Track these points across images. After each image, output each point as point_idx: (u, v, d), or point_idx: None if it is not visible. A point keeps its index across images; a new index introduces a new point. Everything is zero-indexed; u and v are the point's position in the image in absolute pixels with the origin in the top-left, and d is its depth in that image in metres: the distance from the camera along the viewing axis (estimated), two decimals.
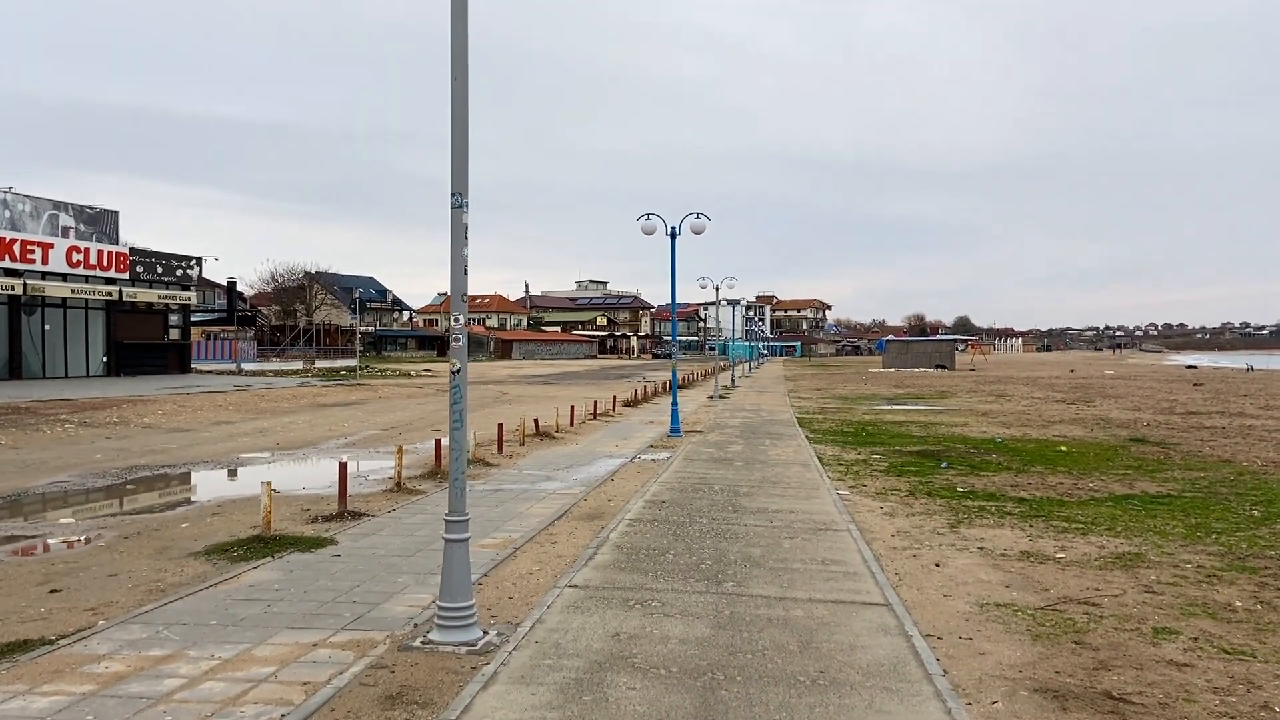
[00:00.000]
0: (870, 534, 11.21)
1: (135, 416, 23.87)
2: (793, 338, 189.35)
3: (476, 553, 9.54)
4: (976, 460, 19.04)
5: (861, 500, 13.81)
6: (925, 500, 13.84)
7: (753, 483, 15.15)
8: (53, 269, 37.15)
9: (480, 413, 29.50)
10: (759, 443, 21.68)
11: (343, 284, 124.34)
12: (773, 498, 13.63)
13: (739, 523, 11.51)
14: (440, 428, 24.47)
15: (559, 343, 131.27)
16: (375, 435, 22.37)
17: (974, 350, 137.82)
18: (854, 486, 15.17)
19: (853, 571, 9.10)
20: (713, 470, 16.65)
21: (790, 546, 10.17)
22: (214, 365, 60.64)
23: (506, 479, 15.18)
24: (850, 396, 43.30)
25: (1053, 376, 67.89)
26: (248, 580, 8.28)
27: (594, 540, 10.27)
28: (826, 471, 16.90)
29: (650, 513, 12.08)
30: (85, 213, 42.61)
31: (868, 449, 21.02)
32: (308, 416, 26.59)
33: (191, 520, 11.35)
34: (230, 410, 27.02)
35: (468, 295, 6.70)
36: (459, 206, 6.50)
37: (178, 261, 44.94)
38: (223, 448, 19.23)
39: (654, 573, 8.76)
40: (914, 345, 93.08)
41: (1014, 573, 9.33)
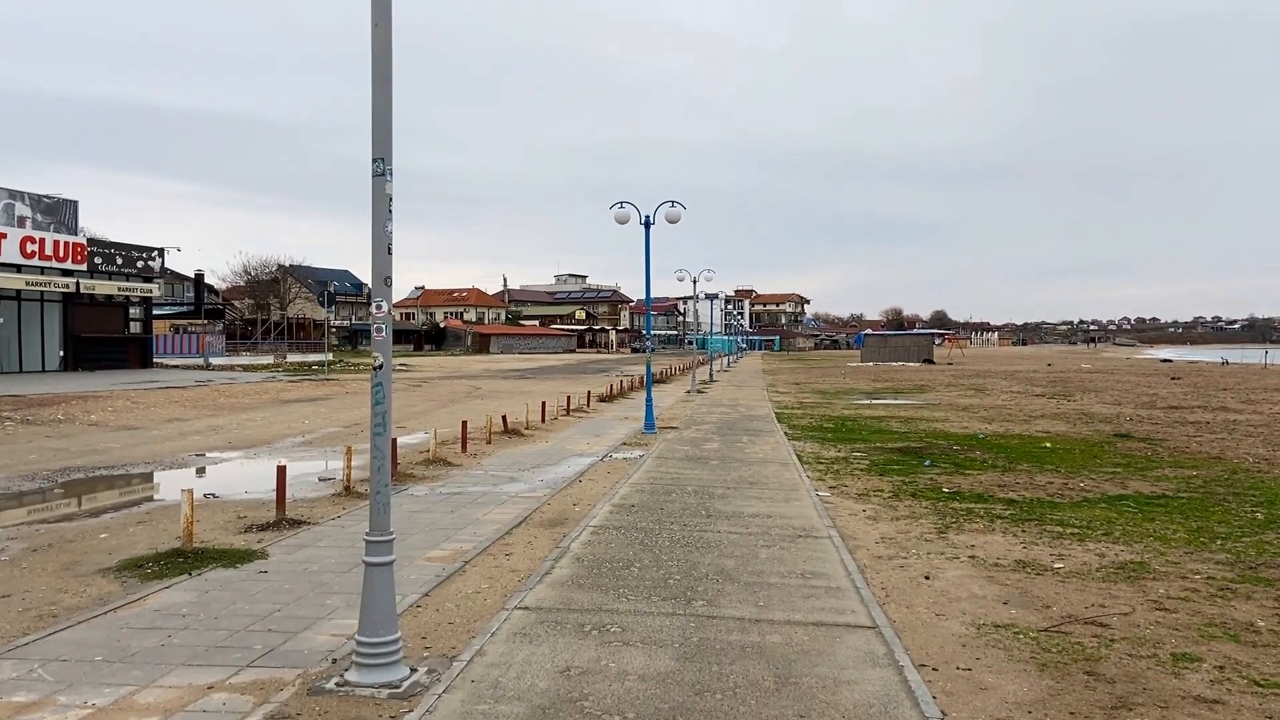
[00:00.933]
0: (853, 541, 10.39)
1: (82, 414, 22.74)
2: (772, 332, 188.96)
3: (421, 567, 8.64)
4: (960, 458, 18.30)
5: (843, 503, 12.99)
6: (910, 502, 13.04)
7: (728, 483, 14.31)
8: (5, 260, 35.76)
9: (449, 409, 28.52)
10: (736, 440, 20.86)
11: (317, 277, 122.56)
12: (749, 500, 12.79)
13: (712, 529, 10.66)
14: (406, 424, 23.50)
15: (537, 337, 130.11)
16: (335, 433, 21.37)
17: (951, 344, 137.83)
18: (835, 487, 14.36)
19: (835, 586, 8.26)
20: (687, 470, 15.79)
21: (767, 557, 9.32)
22: (181, 360, 59.23)
23: (468, 480, 14.26)
24: (829, 391, 42.61)
25: (1030, 370, 67.58)
26: (154, 603, 7.34)
27: (553, 551, 9.38)
28: (806, 471, 16.09)
29: (617, 518, 11.21)
30: (42, 202, 41.18)
31: (848, 446, 20.24)
32: (267, 413, 25.53)
33: (113, 530, 10.36)
34: (185, 407, 25.91)
35: (392, 278, 5.79)
36: (381, 174, 5.59)
37: (138, 252, 43.56)
38: (170, 447, 18.19)
39: (616, 590, 7.89)
40: (892, 339, 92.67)
41: (1011, 586, 8.53)
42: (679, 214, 22.31)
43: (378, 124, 5.59)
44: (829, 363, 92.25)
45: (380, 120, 5.58)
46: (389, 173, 5.60)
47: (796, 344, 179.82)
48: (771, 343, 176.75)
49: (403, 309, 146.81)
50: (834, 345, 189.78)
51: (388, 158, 5.60)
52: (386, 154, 5.60)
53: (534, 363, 78.42)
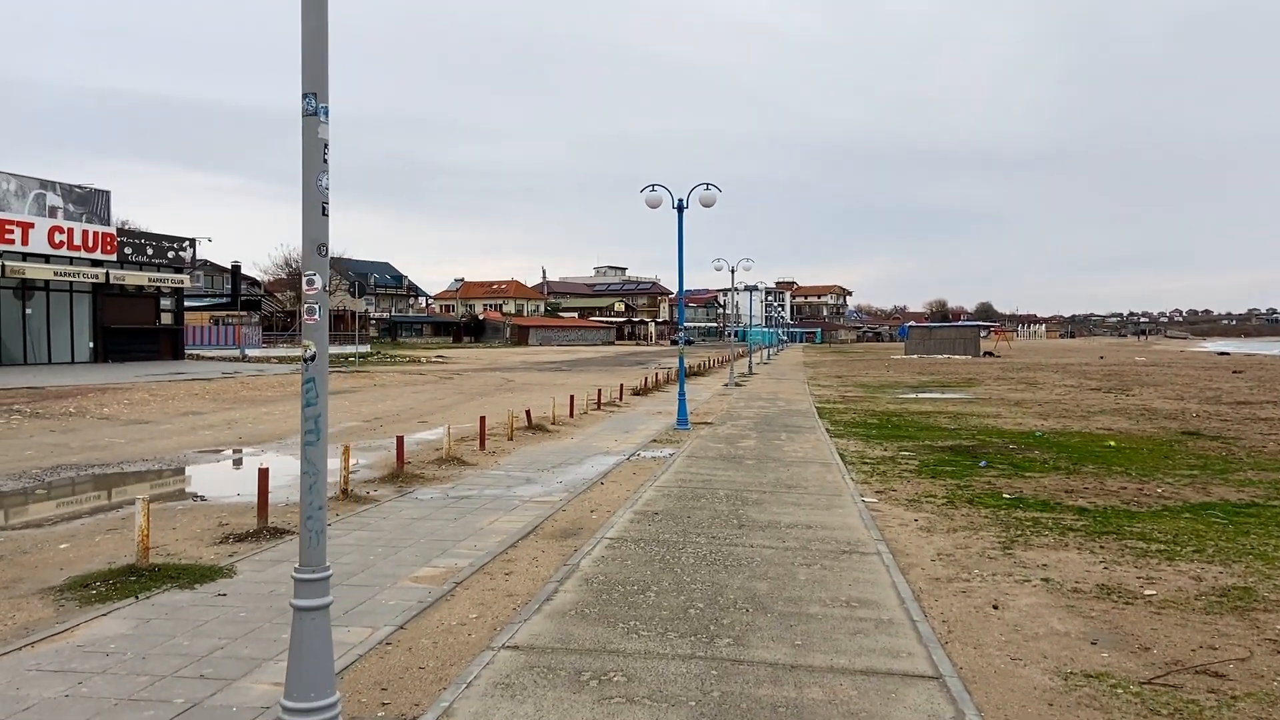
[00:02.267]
0: (906, 558, 9.09)
1: (96, 407, 21.99)
2: (813, 324, 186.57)
3: (404, 590, 7.49)
4: (1018, 458, 16.86)
5: (891, 510, 11.67)
6: (967, 510, 11.69)
7: (764, 487, 13.04)
8: (34, 250, 35.35)
9: (477, 402, 27.50)
10: (774, 437, 19.55)
11: (357, 269, 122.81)
12: (787, 507, 11.52)
13: (744, 542, 9.41)
14: (429, 418, 22.50)
15: (576, 329, 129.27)
16: (354, 428, 20.39)
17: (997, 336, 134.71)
18: (882, 492, 13.03)
19: (888, 619, 6.99)
20: (719, 471, 14.54)
21: (806, 579, 8.06)
22: (217, 351, 59.00)
23: (479, 482, 13.13)
24: (873, 384, 41.06)
25: (1082, 363, 65.29)
26: (82, 636, 6.26)
27: (560, 570, 8.19)
28: (849, 472, 14.77)
29: (638, 528, 9.99)
30: (75, 192, 40.80)
31: (894, 444, 18.86)
32: (288, 406, 24.65)
33: (77, 539, 9.35)
34: (205, 400, 25.13)
35: (328, 246, 4.62)
36: (313, 113, 4.42)
37: (169, 243, 43.08)
38: (176, 443, 17.29)
39: (626, 623, 6.68)
40: (937, 331, 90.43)
41: (1097, 619, 7.19)
42: (713, 197, 21.01)
43: (309, 50, 4.41)
44: (872, 355, 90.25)
45: (312, 46, 4.40)
46: (323, 111, 4.42)
47: (838, 336, 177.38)
48: (813, 335, 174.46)
49: (443, 301, 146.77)
50: (876, 338, 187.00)
51: (321, 92, 4.43)
52: (320, 88, 4.42)
53: (571, 355, 77.44)
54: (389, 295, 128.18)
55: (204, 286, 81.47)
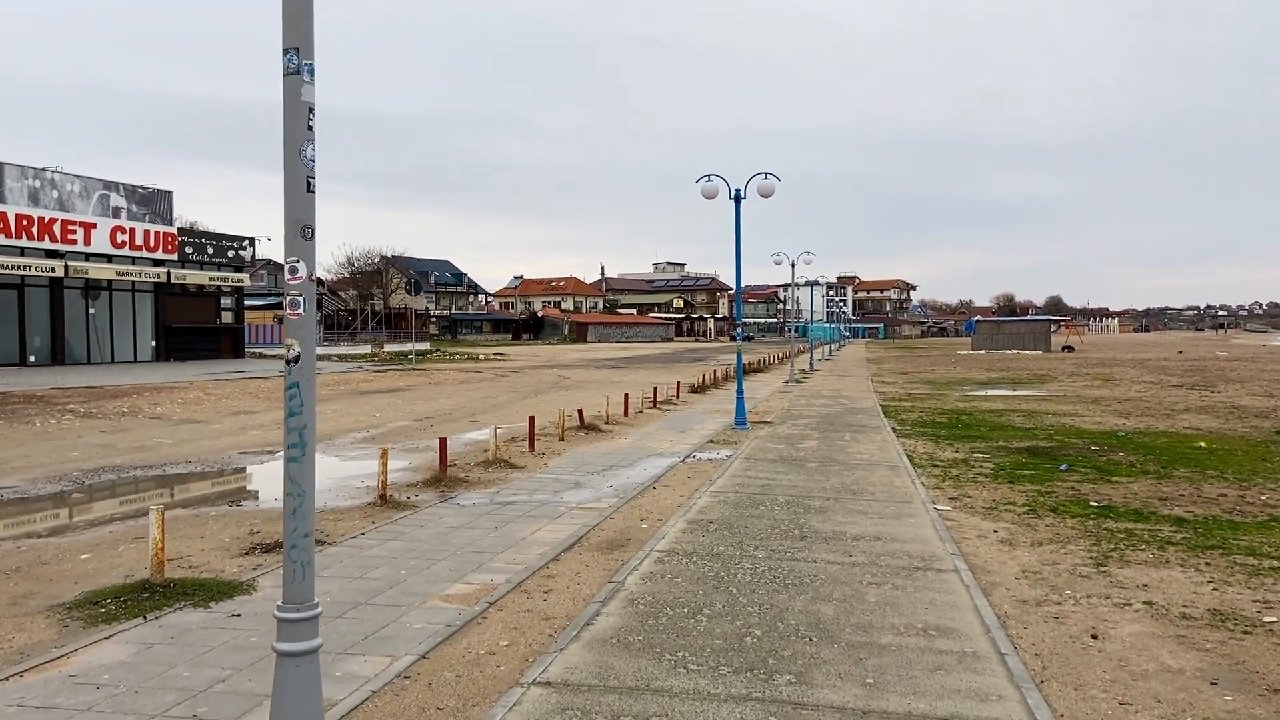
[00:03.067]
0: (987, 576, 8.21)
1: (149, 406, 21.92)
2: (876, 319, 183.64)
3: (433, 611, 6.85)
4: (1102, 461, 15.75)
5: (968, 519, 10.76)
6: (1052, 520, 10.72)
7: (828, 492, 12.20)
8: (97, 250, 35.80)
9: (530, 401, 26.99)
10: (837, 437, 18.65)
11: (418, 267, 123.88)
12: (853, 515, 10.68)
13: (807, 556, 8.62)
14: (480, 418, 22.01)
15: (634, 325, 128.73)
16: (404, 427, 19.97)
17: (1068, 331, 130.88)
18: (956, 498, 12.11)
19: (972, 651, 6.16)
20: (779, 474, 13.73)
21: (877, 600, 7.25)
22: (279, 350, 59.56)
23: (525, 486, 12.50)
24: (939, 381, 39.71)
25: (1160, 358, 62.77)
26: (77, 664, 5.72)
27: (604, 589, 7.49)
28: (919, 476, 13.84)
29: (690, 540, 9.25)
30: (137, 193, 41.32)
31: (966, 445, 17.83)
32: (341, 405, 24.40)
33: (101, 549, 8.91)
34: (259, 399, 24.98)
35: (314, 228, 3.96)
36: (295, 71, 3.76)
37: (230, 242, 43.43)
38: (223, 444, 17.00)
39: (674, 653, 5.95)
40: (1006, 325, 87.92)
41: (1212, 652, 6.28)
42: (772, 186, 20.14)
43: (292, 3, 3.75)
44: (937, 351, 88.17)
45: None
46: (307, 70, 3.77)
47: (902, 331, 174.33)
48: (876, 330, 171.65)
49: (502, 298, 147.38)
50: (941, 333, 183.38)
51: (305, 48, 3.77)
52: (304, 43, 3.77)
53: (629, 351, 76.91)
54: (449, 293, 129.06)
55: (266, 285, 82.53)
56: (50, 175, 37.12)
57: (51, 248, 34.19)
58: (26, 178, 35.81)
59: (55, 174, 37.38)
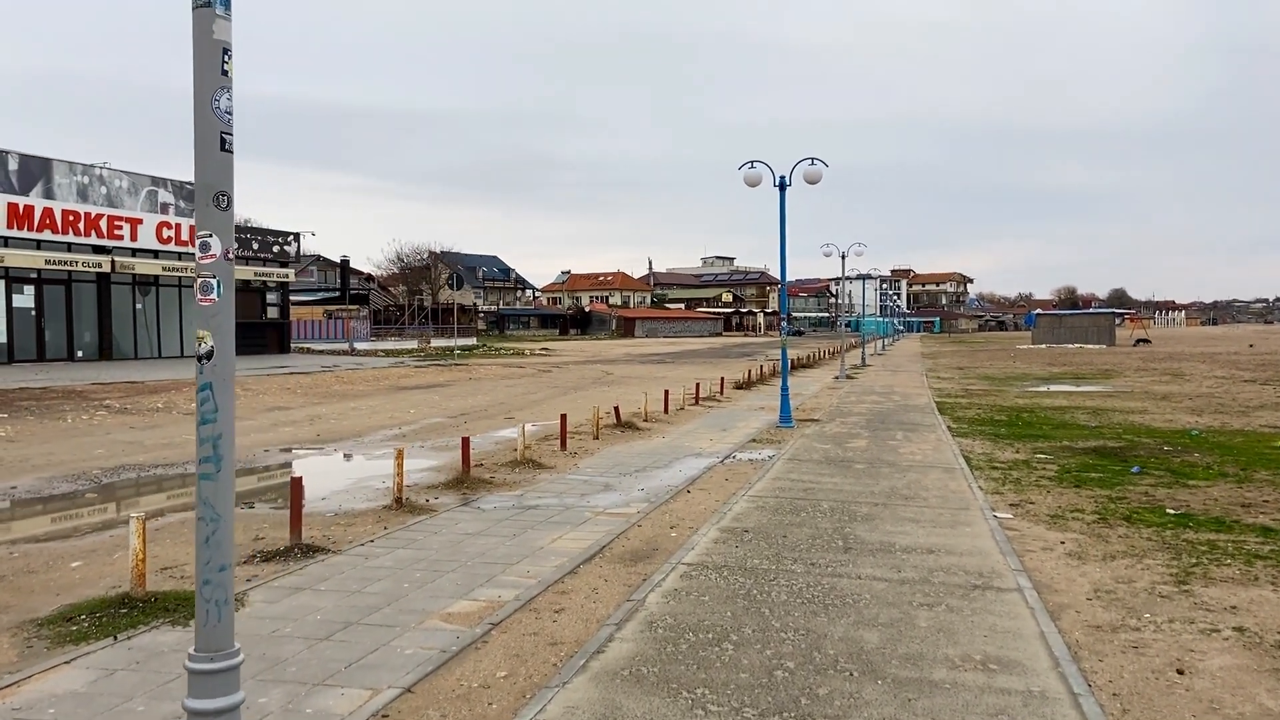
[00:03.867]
0: (1055, 596, 7.33)
1: (185, 403, 21.67)
2: (931, 313, 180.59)
3: (429, 634, 6.18)
4: (1175, 462, 14.65)
5: (1031, 529, 9.84)
6: (1124, 530, 9.76)
7: (876, 497, 11.34)
8: (143, 245, 35.93)
9: (569, 397, 26.37)
10: (888, 436, 17.71)
11: (466, 263, 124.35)
12: (903, 524, 9.82)
13: (850, 572, 7.80)
14: (516, 414, 21.42)
15: (682, 320, 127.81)
16: (437, 424, 19.43)
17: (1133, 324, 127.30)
18: (1017, 505, 11.17)
19: (1039, 690, 5.31)
20: (824, 477, 12.88)
21: (929, 626, 6.42)
22: (327, 345, 59.85)
23: (552, 489, 11.81)
24: (998, 376, 38.35)
25: (1230, 352, 60.39)
26: (27, 693, 5.13)
27: (621, 608, 6.75)
28: (977, 479, 12.91)
29: (722, 551, 8.48)
30: (185, 189, 41.47)
31: (1027, 445, 16.80)
32: (377, 401, 23.99)
33: (95, 556, 8.40)
34: (296, 394, 24.68)
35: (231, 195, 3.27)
36: (207, 4, 3.06)
37: (274, 237, 43.48)
38: (251, 440, 16.59)
39: (692, 691, 5.20)
40: (1067, 319, 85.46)
41: None
42: (819, 173, 19.21)
43: None
44: (995, 345, 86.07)
45: None
46: (221, 2, 3.06)
47: (958, 325, 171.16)
48: (931, 324, 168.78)
49: (549, 293, 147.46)
50: (1000, 326, 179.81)
51: None
52: None
53: (677, 346, 76.12)
54: (497, 288, 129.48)
55: (316, 281, 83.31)
56: (99, 171, 37.36)
57: (98, 243, 34.37)
58: (75, 174, 36.07)
59: (104, 170, 37.61)
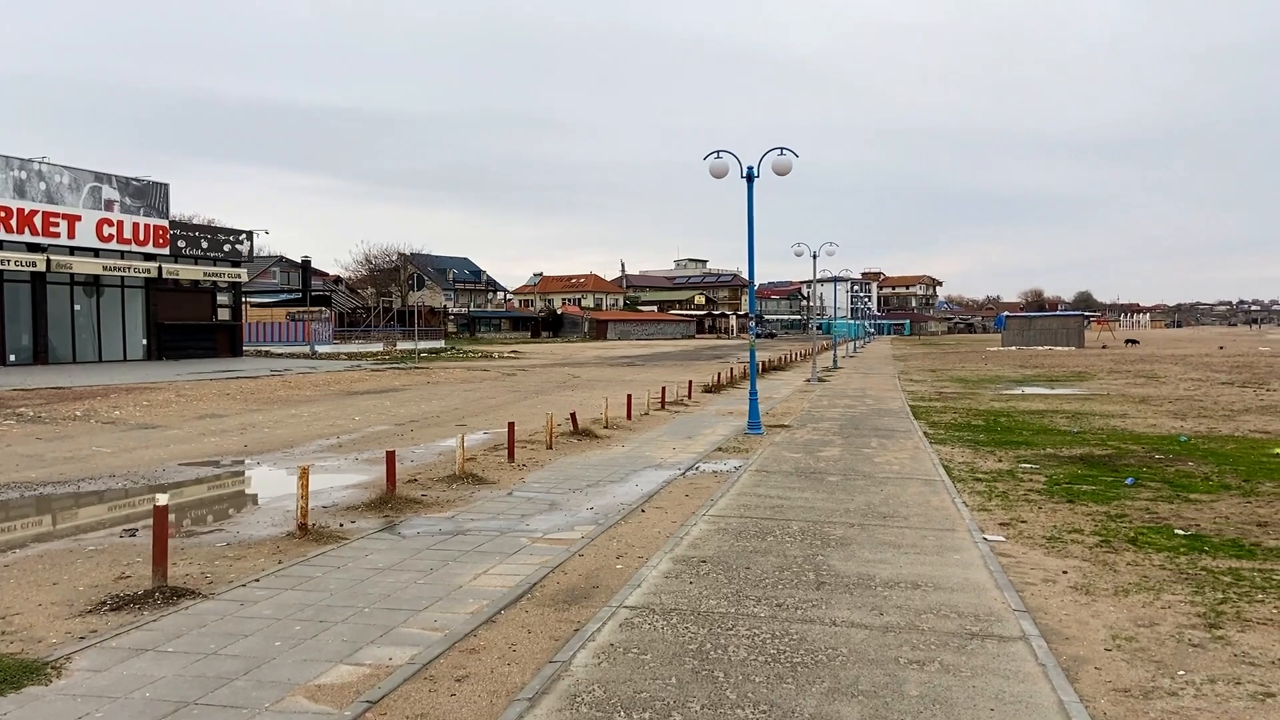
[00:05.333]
0: (1067, 646, 6.10)
1: (108, 410, 20.10)
2: (901, 315, 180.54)
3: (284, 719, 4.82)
4: (1170, 472, 13.56)
5: (1027, 555, 8.63)
6: (1132, 555, 8.57)
7: (851, 516, 10.11)
8: (82, 243, 34.12)
9: (530, 402, 25.01)
10: (863, 443, 16.52)
11: (436, 265, 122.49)
12: (882, 549, 8.58)
13: (823, 616, 6.54)
14: (470, 421, 20.06)
15: (655, 322, 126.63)
16: (381, 433, 18.03)
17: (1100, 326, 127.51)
18: (1008, 524, 9.97)
19: None
20: (794, 491, 11.63)
21: (920, 694, 5.16)
22: (287, 348, 57.97)
23: (490, 509, 10.47)
24: (971, 379, 37.40)
25: (1201, 354, 59.99)
26: None
27: (540, 673, 5.44)
28: (961, 493, 11.72)
29: (673, 589, 7.19)
30: (131, 185, 39.68)
31: (1010, 452, 15.68)
32: (322, 407, 22.51)
33: None
34: (235, 400, 23.14)
35: None
36: None
37: (225, 235, 41.72)
38: (169, 453, 15.12)
39: None
40: (1037, 321, 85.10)
41: None
42: (789, 163, 18.00)
43: None
44: (965, 347, 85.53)
45: None
46: None
47: (928, 328, 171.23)
48: (901, 327, 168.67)
49: (522, 295, 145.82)
50: (969, 329, 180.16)
51: None
52: None
53: (648, 349, 74.88)
54: (468, 290, 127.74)
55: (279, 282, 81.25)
56: (38, 166, 35.50)
57: (33, 241, 32.53)
58: (11, 169, 34.22)
59: (43, 165, 35.75)
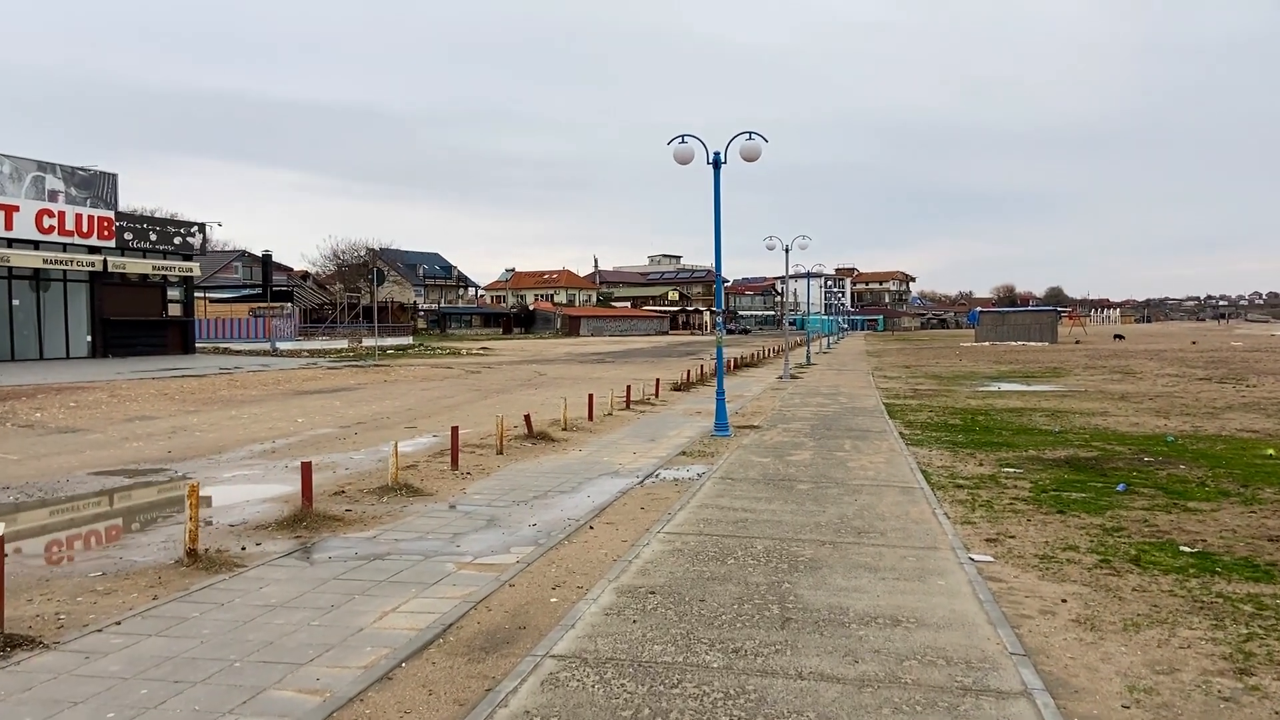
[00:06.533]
0: (1078, 703, 5.08)
1: (29, 411, 18.73)
2: (874, 311, 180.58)
3: None
4: (1162, 476, 12.67)
5: (1020, 579, 7.62)
6: (1137, 579, 7.59)
7: (823, 531, 9.07)
8: (20, 235, 32.46)
9: (491, 401, 23.85)
10: (836, 446, 15.52)
11: (406, 260, 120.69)
12: (857, 573, 7.54)
13: (789, 666, 5.48)
14: (422, 423, 18.89)
15: (628, 318, 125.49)
16: (322, 436, 16.82)
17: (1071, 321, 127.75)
18: (995, 540, 8.97)
19: None
20: (760, 503, 10.59)
21: None
22: (247, 345, 56.33)
23: (418, 527, 9.33)
24: (946, 375, 36.60)
25: (1175, 349, 59.70)
26: None
27: None
28: (941, 503, 10.73)
29: (613, 631, 6.10)
30: (77, 175, 38.01)
31: (990, 454, 14.74)
32: (266, 408, 21.23)
33: None
34: (173, 401, 21.80)
35: None
36: None
37: (176, 228, 40.07)
38: (84, 459, 13.86)
39: None
40: (1010, 316, 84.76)
41: None
42: (758, 148, 16.94)
43: None
44: (939, 343, 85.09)
45: None
46: None
47: (901, 324, 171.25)
48: (875, 323, 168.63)
49: (494, 291, 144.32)
50: (942, 325, 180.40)
51: None
52: None
53: (622, 345, 73.77)
54: (439, 286, 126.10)
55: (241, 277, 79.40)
56: None
57: None
58: None
59: None
